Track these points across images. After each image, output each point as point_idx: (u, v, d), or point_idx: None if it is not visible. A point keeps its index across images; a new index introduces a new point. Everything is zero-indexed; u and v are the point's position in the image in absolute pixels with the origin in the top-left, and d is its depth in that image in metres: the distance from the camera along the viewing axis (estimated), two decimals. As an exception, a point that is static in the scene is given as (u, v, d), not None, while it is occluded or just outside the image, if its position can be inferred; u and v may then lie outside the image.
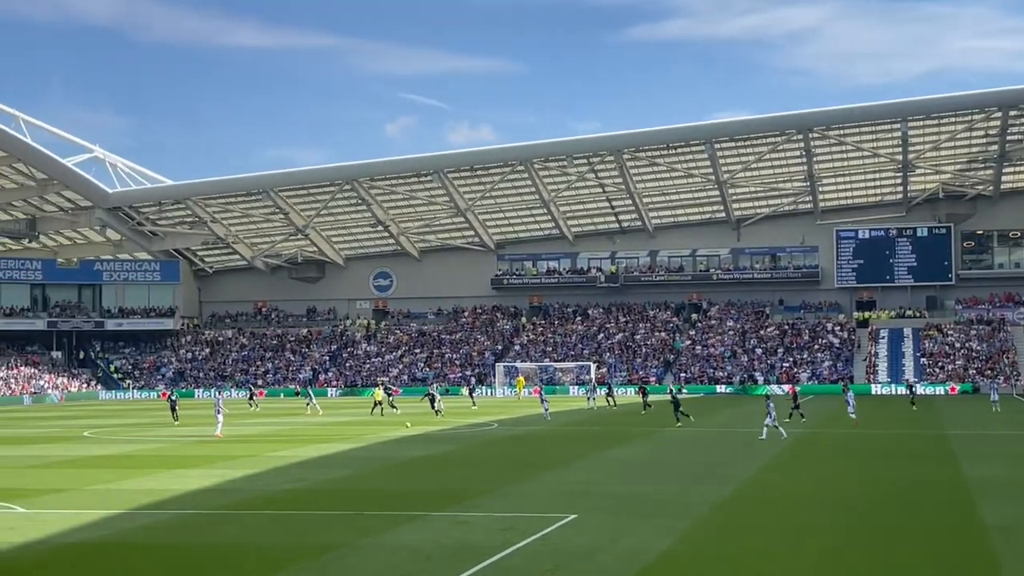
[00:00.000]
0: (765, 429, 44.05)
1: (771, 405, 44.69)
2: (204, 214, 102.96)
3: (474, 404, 72.34)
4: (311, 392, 74.71)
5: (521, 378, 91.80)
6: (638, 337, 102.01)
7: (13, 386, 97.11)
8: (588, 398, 70.20)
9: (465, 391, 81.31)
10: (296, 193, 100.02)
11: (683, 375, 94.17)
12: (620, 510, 25.65)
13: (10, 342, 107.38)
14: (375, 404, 66.27)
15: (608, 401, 69.77)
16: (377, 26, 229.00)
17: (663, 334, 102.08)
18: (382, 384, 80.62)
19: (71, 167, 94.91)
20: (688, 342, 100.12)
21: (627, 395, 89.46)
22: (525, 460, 37.46)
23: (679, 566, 19.76)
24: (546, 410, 59.64)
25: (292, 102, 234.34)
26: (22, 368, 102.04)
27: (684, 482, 30.76)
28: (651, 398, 64.46)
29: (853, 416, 53.16)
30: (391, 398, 71.49)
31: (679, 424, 51.52)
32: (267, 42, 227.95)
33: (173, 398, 62.76)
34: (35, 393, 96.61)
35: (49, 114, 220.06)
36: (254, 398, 76.77)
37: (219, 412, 50.96)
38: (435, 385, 76.43)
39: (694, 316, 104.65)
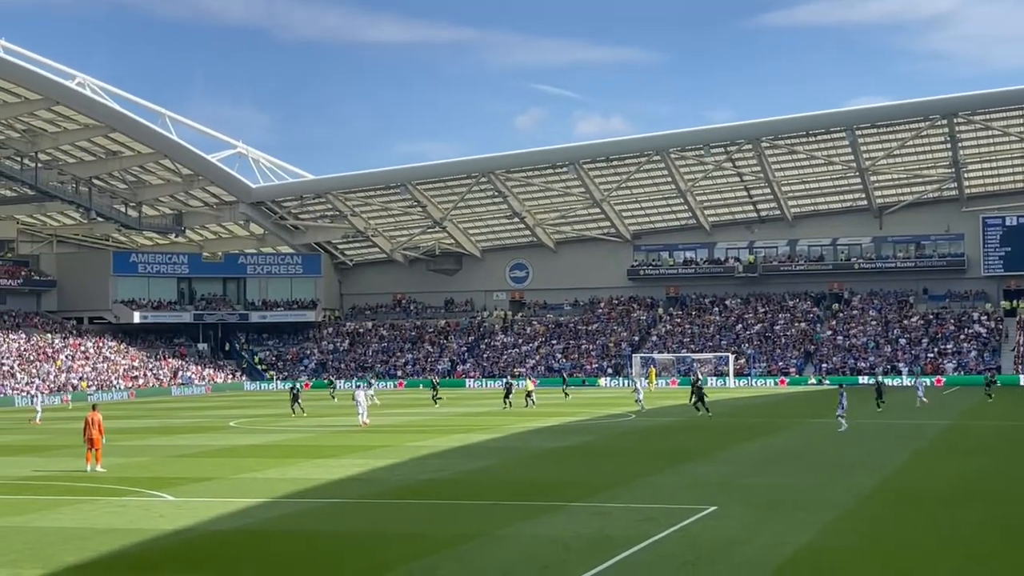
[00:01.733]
0: (843, 422, 43.98)
1: (844, 395, 44.95)
2: (344, 208, 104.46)
3: (566, 395, 72.98)
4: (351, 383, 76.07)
5: (653, 369, 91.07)
6: (777, 328, 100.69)
7: (161, 377, 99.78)
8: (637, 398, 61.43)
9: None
10: (433, 186, 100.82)
11: (824, 366, 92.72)
12: (760, 502, 25.34)
13: (158, 334, 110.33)
14: (527, 395, 66.21)
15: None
16: (510, 18, 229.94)
17: (803, 324, 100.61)
18: (522, 375, 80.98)
19: (216, 163, 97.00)
20: (829, 332, 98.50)
21: (767, 386, 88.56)
22: (663, 451, 37.25)
23: (821, 560, 19.43)
24: (639, 400, 59.48)
25: (427, 96, 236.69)
26: (170, 360, 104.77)
27: (826, 475, 30.27)
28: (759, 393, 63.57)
29: (924, 400, 58.21)
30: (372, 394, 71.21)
31: (700, 414, 51.46)
32: (403, 37, 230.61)
33: (296, 390, 63.22)
34: (182, 384, 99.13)
35: (193, 111, 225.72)
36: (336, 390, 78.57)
37: (361, 402, 51.88)
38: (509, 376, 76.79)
39: (835, 306, 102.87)
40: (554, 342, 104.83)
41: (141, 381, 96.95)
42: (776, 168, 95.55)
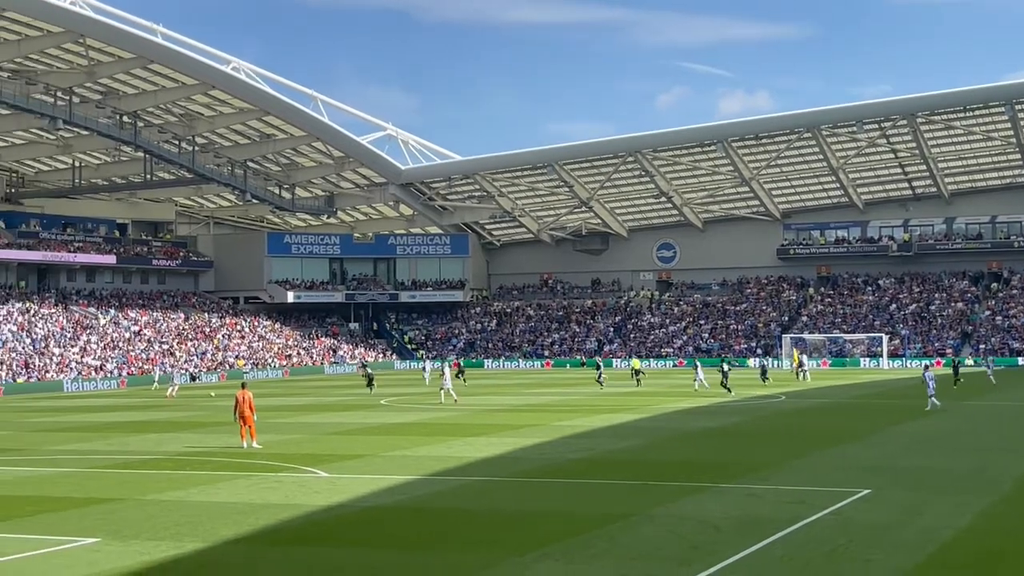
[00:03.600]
0: (936, 402, 43.95)
1: (930, 376, 44.67)
2: (491, 188, 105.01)
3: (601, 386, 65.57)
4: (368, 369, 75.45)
5: (796, 350, 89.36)
6: (933, 308, 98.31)
7: (315, 356, 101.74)
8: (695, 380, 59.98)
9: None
10: (580, 166, 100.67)
11: (982, 347, 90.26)
12: (915, 485, 24.84)
13: (311, 314, 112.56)
14: (634, 373, 66.91)
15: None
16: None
17: (960, 304, 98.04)
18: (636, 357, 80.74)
19: (367, 145, 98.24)
20: (987, 312, 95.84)
21: (915, 367, 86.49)
22: (815, 433, 36.77)
23: (978, 544, 18.96)
24: (699, 379, 59.19)
25: (571, 76, 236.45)
26: (322, 339, 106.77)
27: (983, 457, 29.52)
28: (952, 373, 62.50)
29: (993, 381, 61.67)
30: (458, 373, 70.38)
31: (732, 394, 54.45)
32: (546, 17, 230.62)
33: (370, 372, 63.98)
34: (334, 363, 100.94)
35: (343, 94, 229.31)
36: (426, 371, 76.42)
37: (447, 376, 53.77)
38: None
39: (994, 285, 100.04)
40: (702, 322, 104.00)
41: (295, 359, 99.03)
42: (932, 144, 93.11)
